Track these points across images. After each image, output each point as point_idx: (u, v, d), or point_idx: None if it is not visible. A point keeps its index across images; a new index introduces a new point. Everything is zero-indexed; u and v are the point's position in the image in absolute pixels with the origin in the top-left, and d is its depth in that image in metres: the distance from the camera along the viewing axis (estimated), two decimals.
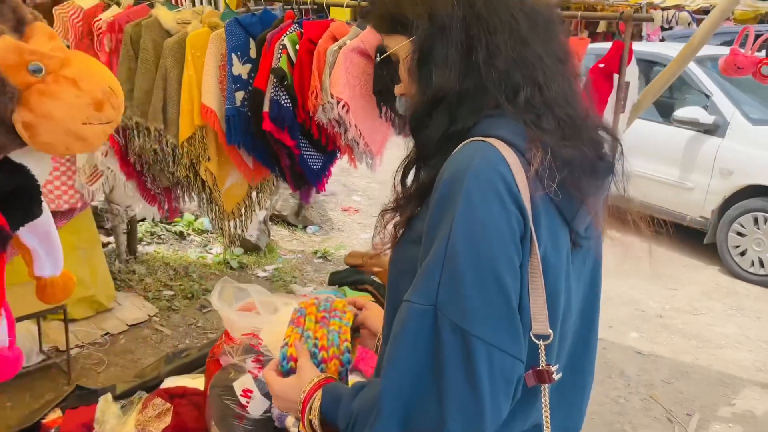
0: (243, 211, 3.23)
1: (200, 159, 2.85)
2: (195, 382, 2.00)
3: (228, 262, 4.46)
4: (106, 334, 3.50)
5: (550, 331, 0.87)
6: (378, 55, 1.12)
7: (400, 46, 1.00)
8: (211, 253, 4.63)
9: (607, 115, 2.32)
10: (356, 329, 1.23)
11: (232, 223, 3.19)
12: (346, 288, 2.61)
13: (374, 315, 1.23)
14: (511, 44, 0.93)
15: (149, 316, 3.71)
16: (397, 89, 1.07)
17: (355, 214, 5.95)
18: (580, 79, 1.06)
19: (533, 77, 0.93)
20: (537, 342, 0.87)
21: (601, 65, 2.25)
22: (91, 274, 3.61)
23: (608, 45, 2.48)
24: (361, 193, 6.52)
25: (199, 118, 2.75)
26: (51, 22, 3.03)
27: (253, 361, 1.77)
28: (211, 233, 4.86)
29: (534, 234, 0.86)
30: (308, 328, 1.12)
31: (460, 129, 0.93)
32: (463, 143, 0.91)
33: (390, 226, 1.01)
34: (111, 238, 4.32)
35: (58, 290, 1.91)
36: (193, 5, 3.56)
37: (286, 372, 1.06)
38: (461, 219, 0.83)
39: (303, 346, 1.07)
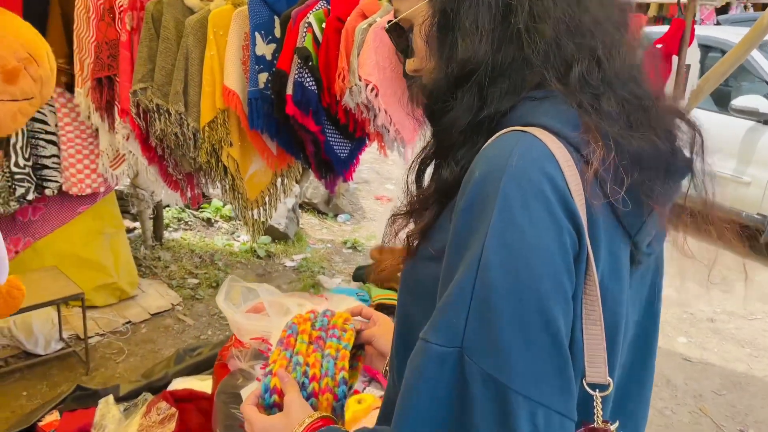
0: (267, 199, 3.09)
1: (222, 144, 2.71)
2: (204, 384, 1.87)
3: (255, 251, 4.33)
4: (127, 323, 3.41)
5: (609, 379, 0.67)
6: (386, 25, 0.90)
7: (415, 8, 0.81)
8: (238, 241, 4.51)
9: None
10: (361, 346, 1.05)
11: (255, 211, 3.05)
12: (371, 285, 2.44)
13: (384, 332, 1.04)
14: (563, 4, 0.74)
15: (172, 304, 3.61)
16: (409, 64, 0.87)
17: (388, 203, 5.77)
18: (644, 51, 0.84)
19: (591, 47, 0.73)
20: (592, 393, 0.67)
21: (659, 45, 2.01)
22: (114, 260, 3.53)
23: (663, 29, 2.23)
24: (395, 182, 6.33)
25: (221, 101, 2.60)
26: (73, 0, 2.91)
27: (261, 368, 1.61)
28: (239, 220, 4.74)
29: (591, 254, 0.67)
30: (299, 351, 0.93)
31: (493, 114, 0.74)
32: (497, 134, 0.71)
33: (402, 236, 0.82)
34: (137, 224, 4.23)
35: (1, 301, 1.55)
36: None
37: (269, 407, 0.87)
38: (497, 235, 0.64)
39: (290, 377, 0.89)
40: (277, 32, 2.54)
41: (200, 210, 4.72)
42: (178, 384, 1.94)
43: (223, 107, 2.63)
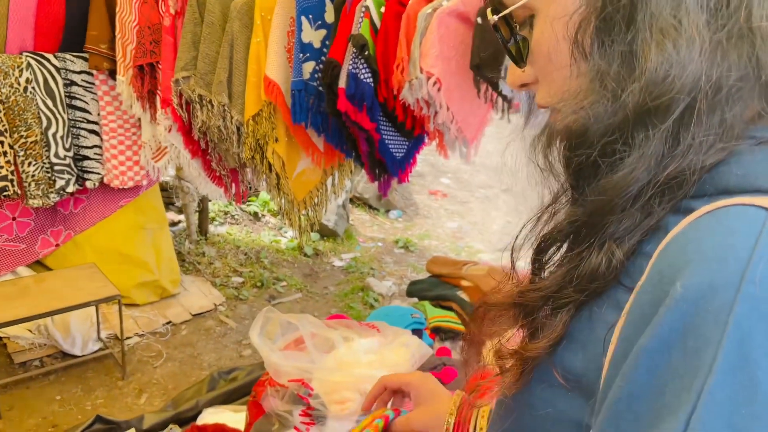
0: (317, 199, 2.85)
1: (267, 140, 2.48)
2: (237, 418, 1.66)
3: (302, 249, 4.13)
4: (167, 323, 3.25)
5: None
6: (487, 13, 0.56)
7: None
8: (285, 237, 4.32)
9: None
10: None
11: (303, 212, 2.82)
12: (426, 303, 2.17)
13: (421, 409, 0.80)
14: None
15: (215, 305, 3.44)
16: (514, 74, 0.56)
17: (443, 199, 5.49)
18: None
19: None
20: None
21: None
22: (156, 257, 3.38)
23: None
24: (451, 176, 6.03)
25: (264, 92, 2.37)
26: None
27: (300, 414, 1.37)
28: (284, 221, 4.56)
29: None
30: None
31: (695, 169, 0.44)
32: (707, 208, 0.42)
33: (508, 340, 0.53)
34: (181, 217, 4.08)
35: None
36: None
37: None
38: (720, 413, 0.36)
39: None
40: (329, 17, 2.28)
41: (247, 204, 4.55)
42: (209, 415, 1.74)
43: (269, 99, 2.40)
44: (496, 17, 0.55)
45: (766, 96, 0.45)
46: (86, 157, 3.07)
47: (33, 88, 2.81)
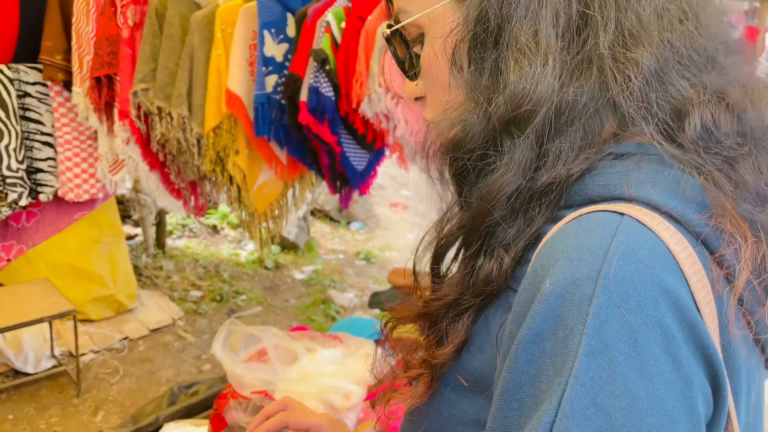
0: (277, 212, 2.85)
1: (228, 152, 2.48)
2: (199, 431, 1.64)
3: (263, 261, 4.10)
4: (124, 339, 3.19)
5: None
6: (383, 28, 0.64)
7: (431, 9, 0.54)
8: (245, 250, 4.29)
9: None
10: None
11: (263, 225, 2.82)
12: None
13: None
14: (673, 18, 0.49)
15: (173, 319, 3.39)
16: (410, 88, 0.60)
17: (404, 211, 5.54)
18: None
19: (718, 86, 0.48)
20: None
21: None
22: (112, 271, 3.31)
23: None
24: (412, 188, 6.09)
25: (225, 105, 2.37)
26: None
27: None
28: (245, 233, 4.53)
29: (734, 416, 0.45)
30: None
31: (562, 179, 0.49)
32: (575, 215, 0.47)
33: (418, 353, 0.55)
34: (138, 230, 4.02)
35: None
36: None
37: None
38: (584, 392, 0.40)
39: None
40: (291, 31, 2.30)
41: (206, 216, 4.50)
42: (170, 430, 1.72)
43: (229, 112, 2.40)
44: (389, 31, 0.60)
45: (615, 116, 0.50)
46: (39, 170, 3.00)
47: None
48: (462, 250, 0.55)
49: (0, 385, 2.75)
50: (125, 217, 3.85)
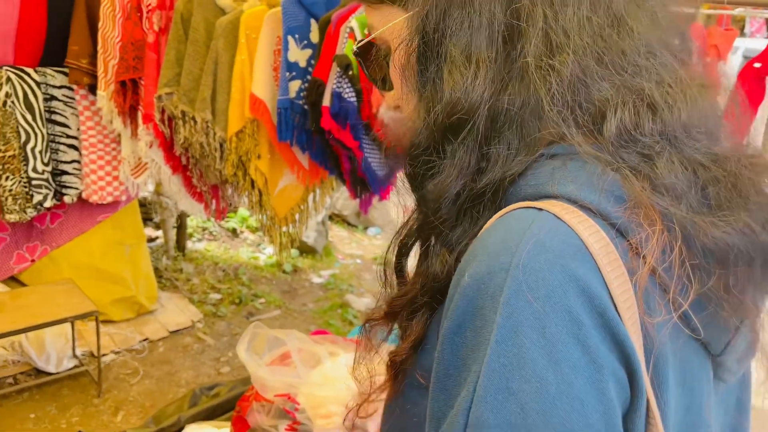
0: (298, 216, 2.87)
1: (250, 156, 2.50)
2: None
3: (281, 265, 4.12)
4: (144, 340, 3.22)
5: None
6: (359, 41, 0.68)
7: (391, 24, 0.59)
8: (263, 254, 4.31)
9: (757, 131, 1.80)
10: None
11: (284, 229, 2.83)
12: None
13: None
14: (596, 25, 0.52)
15: (192, 321, 3.42)
16: (388, 98, 0.64)
17: None
18: (722, 91, 0.60)
19: (637, 87, 0.51)
20: None
21: (758, 64, 1.73)
22: (133, 273, 3.35)
23: (760, 43, 1.95)
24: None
25: (249, 110, 2.39)
26: None
27: (286, 429, 1.38)
28: (265, 237, 4.56)
29: (653, 401, 0.45)
30: None
31: (498, 180, 0.52)
32: (501, 212, 0.50)
33: (385, 352, 0.59)
34: (159, 233, 4.06)
35: None
36: None
37: None
38: (496, 378, 0.42)
39: None
40: (314, 37, 2.31)
41: (226, 220, 4.53)
42: (192, 431, 1.73)
43: (252, 117, 2.42)
44: (355, 47, 0.65)
45: (545, 121, 0.52)
46: (65, 172, 3.05)
47: (12, 102, 2.79)
48: (420, 252, 0.58)
49: (22, 384, 2.79)
50: (147, 219, 3.89)
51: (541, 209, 0.47)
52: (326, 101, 2.19)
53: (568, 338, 0.42)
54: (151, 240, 3.95)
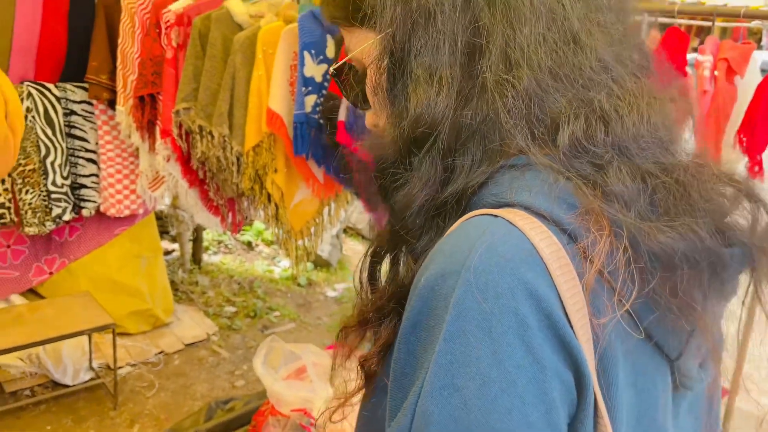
0: (313, 229, 2.87)
1: (267, 170, 2.52)
2: None
3: (296, 278, 4.13)
4: (160, 353, 3.23)
5: None
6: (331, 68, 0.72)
7: (365, 46, 0.62)
8: (278, 267, 4.32)
9: None
10: None
11: (299, 242, 2.84)
12: None
13: None
14: (552, 42, 0.55)
15: (208, 334, 3.43)
16: (368, 117, 0.67)
17: None
18: (687, 106, 0.63)
19: (589, 99, 0.54)
20: None
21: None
22: (149, 285, 3.37)
23: None
24: None
25: (266, 124, 2.41)
26: (119, 13, 2.78)
27: None
28: (281, 250, 4.56)
29: (602, 404, 0.47)
30: None
31: (461, 190, 0.55)
32: (462, 218, 0.53)
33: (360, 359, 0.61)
34: (175, 246, 4.08)
35: None
36: None
37: None
38: (442, 375, 0.45)
39: None
40: (330, 52, 2.33)
41: (241, 233, 4.55)
42: None
43: (269, 131, 2.44)
44: (332, 69, 0.68)
45: (504, 134, 0.54)
46: (83, 186, 3.08)
47: (33, 117, 2.84)
48: (390, 261, 0.61)
49: (39, 396, 2.81)
50: (163, 232, 3.92)
51: (496, 216, 0.49)
52: (341, 116, 2.20)
53: (514, 338, 0.44)
54: (167, 253, 3.97)
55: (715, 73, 1.59)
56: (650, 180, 0.52)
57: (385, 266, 0.63)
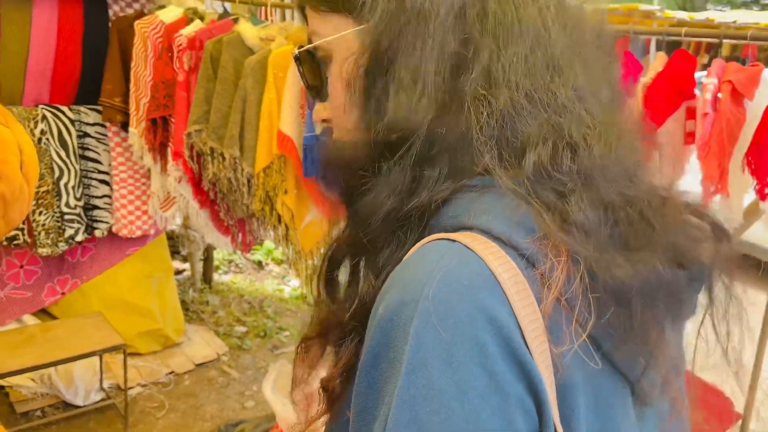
0: (323, 250, 2.88)
1: (277, 191, 2.53)
2: None
3: (305, 297, 4.13)
4: (170, 373, 3.24)
5: None
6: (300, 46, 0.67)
7: (338, 36, 0.59)
8: (288, 286, 4.32)
9: None
10: None
11: (310, 262, 2.85)
12: None
13: None
14: (533, 65, 0.55)
15: (218, 354, 3.43)
16: (319, 110, 0.65)
17: None
18: (655, 140, 0.66)
19: (559, 125, 0.53)
20: None
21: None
22: (160, 305, 3.38)
23: None
24: None
25: (277, 146, 2.43)
26: (132, 37, 2.83)
27: None
28: (291, 270, 4.57)
29: (560, 429, 0.46)
30: None
31: (426, 205, 0.53)
32: (419, 244, 0.51)
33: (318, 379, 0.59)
34: (186, 265, 4.10)
35: None
36: (283, 20, 3.30)
37: None
38: (405, 409, 0.43)
39: None
40: None
41: (252, 252, 4.57)
42: None
43: (280, 153, 2.46)
44: (296, 51, 0.64)
45: (472, 151, 0.53)
46: (96, 207, 3.12)
47: (47, 139, 2.88)
48: (349, 271, 0.58)
49: (50, 416, 2.81)
50: (174, 252, 3.94)
51: (454, 240, 0.48)
52: None
53: (476, 367, 0.43)
54: (178, 272, 3.99)
55: (719, 95, 1.59)
56: (613, 212, 0.51)
57: (342, 275, 0.60)
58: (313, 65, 0.64)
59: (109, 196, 3.15)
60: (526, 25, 0.55)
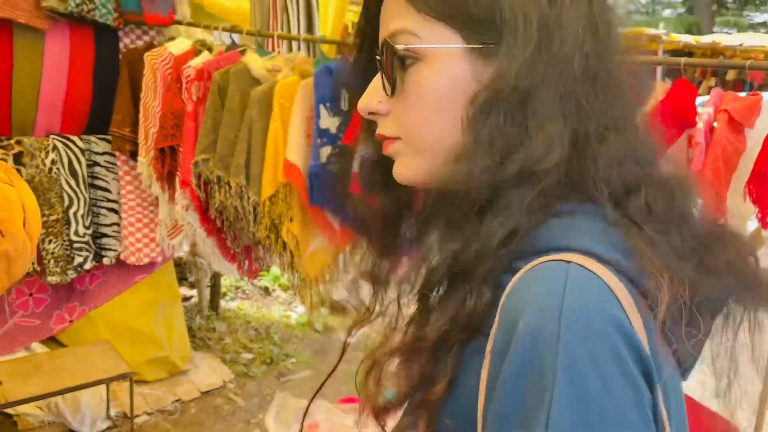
0: (328, 277, 2.90)
1: (282, 219, 2.56)
2: None
3: (312, 324, 4.13)
4: (176, 401, 3.23)
5: None
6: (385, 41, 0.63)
7: (444, 46, 0.59)
8: (295, 312, 4.33)
9: None
10: None
11: (315, 290, 2.86)
12: None
13: None
14: (639, 124, 0.63)
15: (224, 381, 3.43)
16: (373, 103, 0.64)
17: None
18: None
19: (655, 174, 0.61)
20: None
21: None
22: (167, 332, 3.40)
23: None
24: None
25: (282, 174, 2.46)
26: (142, 69, 2.89)
27: None
28: (297, 297, 4.58)
29: (666, 420, 0.51)
30: None
31: (527, 228, 0.56)
32: (531, 265, 0.53)
33: (401, 396, 0.61)
34: (193, 292, 4.12)
35: None
36: (290, 51, 3.35)
37: None
38: (569, 413, 0.46)
39: None
40: (344, 105, 2.39)
41: (258, 278, 4.59)
42: None
43: (285, 181, 2.49)
44: (401, 47, 0.61)
45: (576, 182, 0.58)
46: (104, 235, 3.15)
47: (58, 168, 2.93)
48: (446, 286, 0.60)
49: None
50: (182, 279, 3.96)
51: (569, 262, 0.52)
52: (356, 167, 2.24)
53: (617, 371, 0.48)
54: (185, 299, 4.01)
55: (714, 124, 1.60)
56: (689, 239, 0.58)
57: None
58: (392, 60, 0.61)
59: (118, 224, 3.18)
60: (624, 83, 0.61)
